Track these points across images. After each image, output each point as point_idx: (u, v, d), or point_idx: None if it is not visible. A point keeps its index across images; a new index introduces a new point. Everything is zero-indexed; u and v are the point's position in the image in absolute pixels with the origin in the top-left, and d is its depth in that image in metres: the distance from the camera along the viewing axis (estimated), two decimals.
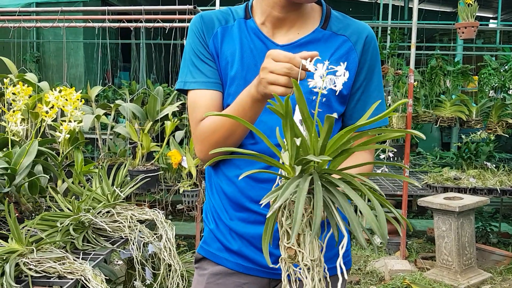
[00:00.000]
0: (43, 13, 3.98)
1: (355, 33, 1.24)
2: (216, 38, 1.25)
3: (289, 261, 0.83)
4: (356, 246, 4.81)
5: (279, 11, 1.22)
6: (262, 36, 1.24)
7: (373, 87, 1.26)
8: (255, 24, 1.25)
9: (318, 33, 1.24)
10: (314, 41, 1.23)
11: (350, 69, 1.22)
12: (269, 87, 1.00)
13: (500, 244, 4.77)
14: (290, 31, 1.24)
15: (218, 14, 1.29)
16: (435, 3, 9.86)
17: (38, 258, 1.53)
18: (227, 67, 1.24)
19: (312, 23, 1.26)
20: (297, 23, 1.24)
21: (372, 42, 1.25)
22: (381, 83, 1.29)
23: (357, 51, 1.23)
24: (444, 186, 4.15)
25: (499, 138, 5.21)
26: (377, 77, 1.27)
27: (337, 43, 1.24)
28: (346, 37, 1.24)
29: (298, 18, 1.24)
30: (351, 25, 1.26)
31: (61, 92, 2.14)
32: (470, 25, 3.98)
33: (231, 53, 1.24)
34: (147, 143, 2.98)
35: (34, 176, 1.93)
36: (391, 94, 4.89)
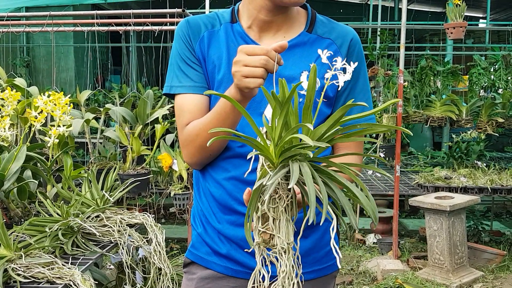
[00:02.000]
0: (32, 17, 3.97)
1: (340, 37, 1.26)
2: (203, 42, 1.26)
3: (264, 245, 0.85)
4: (349, 246, 4.83)
5: (266, 15, 1.23)
6: (249, 40, 1.25)
7: (359, 89, 1.28)
8: (242, 28, 1.26)
9: (304, 37, 1.26)
10: (300, 44, 1.25)
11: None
12: (244, 80, 1.01)
13: (492, 242, 4.80)
14: (277, 34, 1.26)
15: (204, 18, 1.29)
16: (424, 4, 9.92)
17: (26, 263, 1.52)
18: (214, 71, 1.24)
19: (298, 26, 1.27)
20: (284, 27, 1.26)
21: (357, 45, 1.27)
22: (367, 85, 1.30)
23: (342, 54, 1.25)
24: (435, 185, 4.17)
25: (489, 137, 5.24)
26: (363, 79, 1.29)
27: (323, 46, 1.25)
28: (331, 40, 1.26)
29: (285, 21, 1.26)
30: (336, 28, 1.28)
31: (49, 96, 2.14)
32: (459, 25, 4.01)
33: (218, 57, 1.24)
34: (137, 146, 2.98)
35: (23, 181, 1.93)
36: (382, 95, 4.91)
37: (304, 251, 1.24)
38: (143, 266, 1.94)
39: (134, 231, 1.88)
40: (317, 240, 1.28)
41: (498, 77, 4.83)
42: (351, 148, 1.28)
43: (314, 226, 1.26)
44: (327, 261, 1.29)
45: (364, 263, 4.26)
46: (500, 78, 4.82)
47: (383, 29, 5.31)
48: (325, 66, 1.22)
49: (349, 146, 1.29)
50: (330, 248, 1.28)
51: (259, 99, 1.20)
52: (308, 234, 1.25)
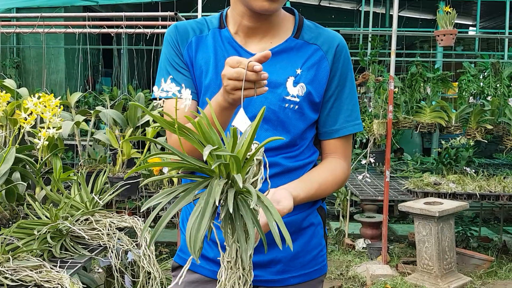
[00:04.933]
0: (23, 18, 3.94)
1: (327, 42, 1.27)
2: (191, 47, 1.28)
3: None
4: (338, 251, 4.84)
5: (248, 21, 1.24)
6: (236, 45, 1.26)
7: (346, 94, 1.29)
8: (229, 33, 1.27)
9: (291, 42, 1.26)
10: (287, 50, 1.26)
11: (321, 77, 1.25)
12: (234, 92, 1.02)
13: (480, 248, 4.83)
14: (263, 40, 1.27)
15: (192, 24, 1.30)
16: (415, 11, 10.00)
17: (14, 266, 1.50)
18: (201, 76, 1.26)
19: (285, 32, 1.28)
20: (270, 33, 1.27)
21: (343, 50, 1.28)
22: (353, 90, 1.31)
23: (328, 60, 1.26)
24: (425, 191, 4.19)
25: (478, 143, 5.29)
26: (350, 84, 1.30)
27: (309, 51, 1.26)
28: (317, 46, 1.27)
29: (270, 27, 1.26)
30: (323, 34, 1.28)
31: (39, 98, 2.12)
32: (449, 32, 4.05)
33: (206, 62, 1.26)
34: (127, 149, 2.96)
35: (12, 183, 1.91)
36: (372, 100, 4.94)
37: (291, 255, 1.25)
38: (132, 270, 1.93)
39: (124, 234, 1.87)
40: (303, 244, 1.28)
41: (487, 84, 4.88)
42: (337, 153, 1.30)
43: (301, 230, 1.27)
44: (314, 265, 1.30)
45: (354, 268, 4.27)
46: (489, 85, 4.87)
47: (374, 35, 5.35)
48: (311, 72, 1.24)
49: (336, 151, 1.30)
50: (317, 252, 1.29)
51: (245, 104, 1.19)
52: (295, 238, 1.26)
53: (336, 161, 1.29)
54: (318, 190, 1.22)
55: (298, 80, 1.23)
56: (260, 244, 1.14)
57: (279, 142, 1.22)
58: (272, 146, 1.22)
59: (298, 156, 1.27)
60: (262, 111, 0.91)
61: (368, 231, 5.00)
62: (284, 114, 1.23)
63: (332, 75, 1.26)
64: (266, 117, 1.22)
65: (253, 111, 1.21)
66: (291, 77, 1.23)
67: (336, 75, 1.27)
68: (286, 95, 1.23)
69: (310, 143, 1.30)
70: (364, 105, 5.45)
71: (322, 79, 1.25)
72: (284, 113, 1.23)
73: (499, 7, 8.01)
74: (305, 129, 1.26)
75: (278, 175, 1.22)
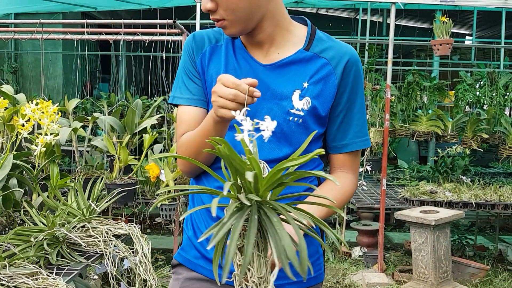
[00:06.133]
0: (21, 24, 3.95)
1: (337, 57, 1.26)
2: (204, 57, 1.31)
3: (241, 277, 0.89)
4: (335, 259, 4.83)
5: (243, 36, 1.28)
6: (247, 56, 1.28)
7: (356, 110, 1.29)
8: (242, 44, 1.29)
9: (300, 54, 1.26)
10: (295, 62, 1.26)
11: (328, 93, 1.25)
12: (219, 110, 1.05)
13: (476, 257, 4.84)
14: (270, 51, 1.27)
15: (210, 33, 1.34)
16: (412, 20, 10.06)
17: (10, 273, 1.50)
18: (212, 85, 1.28)
19: (295, 43, 1.28)
20: (275, 44, 1.27)
21: (354, 66, 1.27)
22: (363, 106, 1.31)
23: (336, 75, 1.25)
24: (421, 199, 4.20)
25: (474, 152, 5.31)
26: (360, 100, 1.30)
27: (317, 65, 1.25)
28: (326, 60, 1.26)
29: (273, 39, 1.26)
30: (334, 47, 1.27)
31: (37, 105, 2.13)
32: (445, 42, 4.08)
33: (216, 71, 1.28)
34: (124, 156, 2.97)
35: (9, 190, 1.91)
36: (369, 109, 4.96)
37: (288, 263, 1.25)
38: (128, 277, 1.93)
39: (120, 241, 1.87)
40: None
41: (483, 93, 4.91)
42: (345, 167, 1.31)
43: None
44: (310, 273, 1.30)
45: (350, 276, 4.27)
46: (485, 94, 4.90)
47: (371, 44, 5.38)
48: (318, 86, 1.24)
49: (344, 165, 1.31)
50: (313, 260, 1.30)
51: (254, 111, 1.21)
52: None
53: (345, 176, 1.30)
54: (329, 211, 1.23)
55: (304, 94, 1.23)
56: None
57: (281, 155, 1.24)
58: (275, 158, 1.23)
59: (301, 168, 1.26)
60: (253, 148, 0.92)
61: (364, 239, 5.00)
62: (288, 127, 1.23)
63: (341, 91, 1.26)
64: None
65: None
66: (297, 90, 1.24)
67: (346, 90, 1.26)
68: (291, 108, 1.23)
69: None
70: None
71: (329, 95, 1.25)
72: (288, 126, 1.23)
73: (495, 17, 8.08)
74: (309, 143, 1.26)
75: None
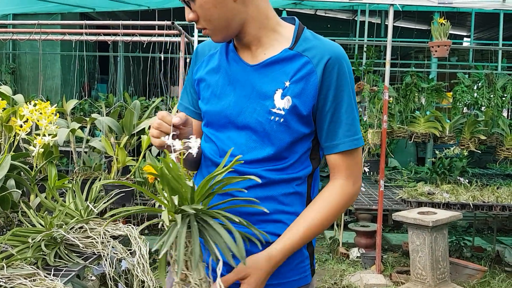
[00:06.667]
0: (20, 25, 3.95)
1: (318, 55, 1.25)
2: (201, 66, 1.39)
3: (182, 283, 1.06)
4: (332, 260, 4.84)
5: (235, 39, 1.33)
6: (237, 58, 1.31)
7: (344, 108, 1.27)
8: (234, 47, 1.33)
9: (285, 53, 1.27)
10: (279, 61, 1.27)
11: (309, 91, 1.25)
12: (151, 138, 1.22)
13: (473, 258, 4.85)
14: (257, 52, 1.30)
15: (211, 42, 1.38)
16: (410, 21, 10.08)
17: (8, 274, 1.50)
18: (205, 87, 1.35)
19: (281, 43, 1.29)
20: (262, 45, 1.30)
21: (337, 64, 1.25)
22: (352, 104, 1.29)
23: (317, 74, 1.25)
24: (418, 201, 4.21)
25: (472, 153, 5.32)
26: (348, 99, 1.28)
27: (299, 64, 1.26)
28: (308, 59, 1.26)
29: (259, 40, 1.29)
30: (317, 46, 1.27)
31: (35, 105, 2.13)
32: (443, 44, 4.09)
33: (210, 72, 1.35)
34: (122, 157, 2.97)
35: (6, 190, 1.91)
36: (367, 110, 4.97)
37: None
38: (125, 279, 1.93)
39: (118, 243, 1.87)
40: None
41: (481, 95, 4.92)
42: (340, 171, 1.29)
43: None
44: (294, 275, 1.30)
45: (347, 277, 4.27)
46: (483, 96, 4.91)
47: (370, 46, 5.38)
48: (299, 85, 1.25)
49: (338, 167, 1.29)
50: (298, 262, 1.31)
51: (236, 114, 1.28)
52: None
53: (335, 185, 1.28)
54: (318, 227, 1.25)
55: (286, 93, 1.25)
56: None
57: (264, 154, 1.25)
58: (257, 158, 1.26)
59: (286, 169, 1.28)
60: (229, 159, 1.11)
61: (362, 240, 5.01)
62: (269, 126, 1.25)
63: (326, 89, 1.25)
64: (254, 128, 1.26)
65: (243, 121, 1.27)
66: (279, 90, 1.25)
67: (330, 89, 1.25)
68: (273, 108, 1.25)
69: (303, 157, 1.30)
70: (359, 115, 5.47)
71: (310, 93, 1.24)
72: (270, 125, 1.25)
73: (493, 19, 8.09)
74: (292, 142, 1.26)
75: (259, 187, 1.25)
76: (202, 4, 1.21)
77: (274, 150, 1.25)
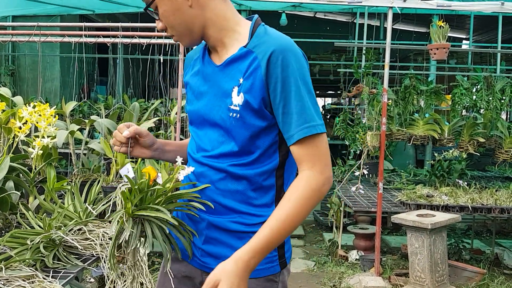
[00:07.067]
0: (19, 27, 3.95)
1: (264, 49, 1.29)
2: (188, 71, 1.50)
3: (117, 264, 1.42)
4: (331, 262, 4.84)
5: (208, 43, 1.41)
6: (209, 60, 1.41)
7: (292, 98, 1.28)
8: (208, 50, 1.43)
9: (240, 51, 1.34)
10: (236, 60, 1.34)
11: (257, 85, 1.29)
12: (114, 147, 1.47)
13: (472, 260, 4.85)
14: (222, 52, 1.38)
15: (197, 49, 1.50)
16: (409, 24, 10.10)
17: (7, 276, 1.50)
18: (189, 90, 1.48)
19: (241, 41, 1.35)
20: (225, 46, 1.37)
21: (280, 56, 1.27)
22: (300, 93, 1.28)
23: (262, 68, 1.28)
24: (417, 203, 4.21)
25: (471, 156, 5.32)
26: (295, 88, 1.28)
27: (249, 60, 1.31)
28: (255, 54, 1.30)
29: (222, 41, 1.37)
30: (265, 41, 1.30)
31: (35, 107, 2.13)
32: (442, 46, 4.09)
33: (192, 76, 1.47)
34: (121, 159, 2.96)
35: (5, 192, 1.91)
36: (366, 112, 4.97)
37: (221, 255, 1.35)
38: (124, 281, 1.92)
39: None
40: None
41: (480, 97, 4.93)
42: (303, 162, 1.29)
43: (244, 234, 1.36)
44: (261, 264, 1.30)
45: (346, 279, 4.27)
46: (481, 98, 4.92)
47: (369, 48, 5.39)
48: (249, 80, 1.31)
49: (301, 159, 1.29)
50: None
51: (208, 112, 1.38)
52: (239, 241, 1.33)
53: (301, 177, 1.28)
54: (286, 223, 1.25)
55: (240, 90, 1.31)
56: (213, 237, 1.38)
57: (229, 149, 1.33)
58: (224, 152, 1.34)
59: (252, 163, 1.34)
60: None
61: (361, 242, 5.00)
62: (229, 122, 1.32)
63: (273, 82, 1.27)
64: (220, 125, 1.35)
65: (213, 119, 1.37)
66: (236, 87, 1.32)
67: (277, 81, 1.27)
68: (231, 105, 1.32)
69: (270, 151, 1.34)
70: (358, 117, 5.48)
71: (257, 87, 1.29)
72: (230, 122, 1.32)
73: (492, 21, 8.11)
74: (251, 137, 1.31)
75: (224, 180, 1.35)
76: (163, 13, 1.32)
77: (238, 145, 1.33)
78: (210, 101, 1.37)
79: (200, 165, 1.39)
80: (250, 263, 1.21)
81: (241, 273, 1.19)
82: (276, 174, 1.36)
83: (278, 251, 1.37)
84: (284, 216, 1.24)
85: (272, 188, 1.36)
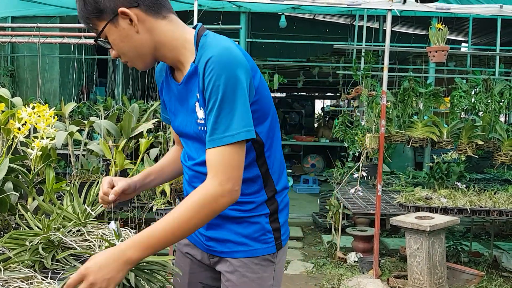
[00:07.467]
0: (19, 28, 3.95)
1: (202, 61, 1.31)
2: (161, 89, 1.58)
3: None
4: (330, 264, 4.84)
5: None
6: (171, 79, 1.48)
7: (212, 108, 1.29)
8: (170, 69, 1.49)
9: (191, 67, 1.37)
10: (190, 76, 1.38)
11: (200, 96, 1.35)
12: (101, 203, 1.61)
13: (470, 263, 4.85)
14: (181, 71, 1.42)
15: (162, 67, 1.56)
16: (408, 26, 10.12)
17: (5, 277, 1.50)
18: (166, 107, 1.59)
19: (191, 57, 1.38)
20: (181, 63, 1.41)
21: (212, 64, 1.27)
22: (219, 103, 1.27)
23: (199, 77, 1.32)
24: (416, 205, 4.22)
25: (469, 159, 5.33)
26: (214, 97, 1.28)
27: (197, 74, 1.35)
28: (197, 66, 1.34)
29: (176, 61, 1.41)
30: (204, 52, 1.33)
31: (34, 108, 2.13)
32: (441, 49, 4.10)
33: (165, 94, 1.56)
34: (120, 160, 2.96)
35: (4, 193, 1.91)
36: (365, 114, 4.98)
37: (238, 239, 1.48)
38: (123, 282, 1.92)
39: None
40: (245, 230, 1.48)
41: (479, 100, 4.94)
42: (210, 168, 1.31)
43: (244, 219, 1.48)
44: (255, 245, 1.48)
45: (345, 281, 4.27)
46: (480, 101, 4.92)
47: (368, 50, 5.40)
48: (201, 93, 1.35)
49: (209, 165, 1.32)
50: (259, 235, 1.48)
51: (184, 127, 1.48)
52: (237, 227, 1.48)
53: (202, 184, 1.31)
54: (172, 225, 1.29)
55: (200, 104, 1.36)
56: (215, 223, 1.48)
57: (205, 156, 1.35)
58: (204, 159, 1.36)
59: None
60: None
61: (360, 244, 5.01)
62: (201, 134, 1.39)
63: (206, 90, 1.30)
64: (195, 137, 1.44)
65: (190, 132, 1.46)
66: (196, 102, 1.38)
67: (208, 89, 1.29)
68: (197, 119, 1.39)
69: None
70: (357, 119, 5.48)
71: (200, 96, 1.36)
72: (201, 134, 1.39)
73: (490, 24, 8.13)
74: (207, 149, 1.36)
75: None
76: (113, 42, 1.35)
77: None
78: (184, 118, 1.46)
79: (192, 171, 1.51)
80: (126, 252, 1.27)
81: (110, 262, 1.27)
82: (258, 164, 1.45)
83: (273, 233, 1.49)
84: (171, 218, 1.29)
85: (258, 177, 1.46)
